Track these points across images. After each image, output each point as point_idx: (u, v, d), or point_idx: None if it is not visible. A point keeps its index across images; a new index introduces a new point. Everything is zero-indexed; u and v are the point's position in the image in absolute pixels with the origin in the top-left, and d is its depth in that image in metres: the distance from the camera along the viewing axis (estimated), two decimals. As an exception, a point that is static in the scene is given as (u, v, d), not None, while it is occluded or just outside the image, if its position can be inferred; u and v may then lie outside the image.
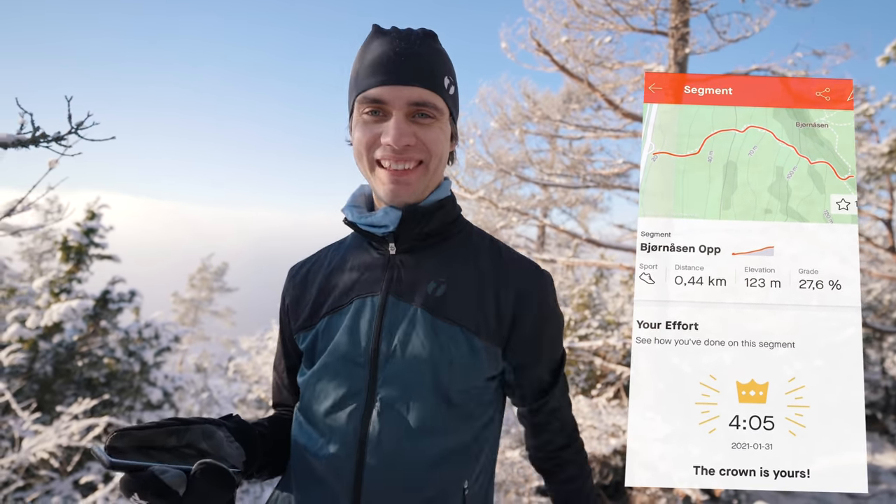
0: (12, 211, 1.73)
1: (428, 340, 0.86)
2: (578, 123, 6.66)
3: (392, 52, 0.85)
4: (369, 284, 0.91)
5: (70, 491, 4.65)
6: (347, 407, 0.86)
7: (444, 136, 0.91)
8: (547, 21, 4.91)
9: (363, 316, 0.89)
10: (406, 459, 0.84)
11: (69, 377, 5.49)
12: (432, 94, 0.86)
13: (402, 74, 0.84)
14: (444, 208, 0.94)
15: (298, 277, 1.03)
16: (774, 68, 4.93)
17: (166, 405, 6.32)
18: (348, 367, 0.88)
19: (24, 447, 4.17)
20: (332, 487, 0.85)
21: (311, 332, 0.94)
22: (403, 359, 0.86)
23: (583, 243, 11.29)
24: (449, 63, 0.92)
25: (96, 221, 5.86)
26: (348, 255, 0.98)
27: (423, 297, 0.88)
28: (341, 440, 0.85)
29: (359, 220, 0.92)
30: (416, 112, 0.86)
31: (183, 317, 22.79)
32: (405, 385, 0.85)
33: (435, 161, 0.89)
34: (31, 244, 12.04)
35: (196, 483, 0.70)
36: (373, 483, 0.83)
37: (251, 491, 6.76)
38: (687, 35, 4.68)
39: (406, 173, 0.87)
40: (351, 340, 0.88)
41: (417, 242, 0.92)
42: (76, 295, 5.64)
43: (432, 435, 0.85)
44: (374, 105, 0.85)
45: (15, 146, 1.23)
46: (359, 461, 0.84)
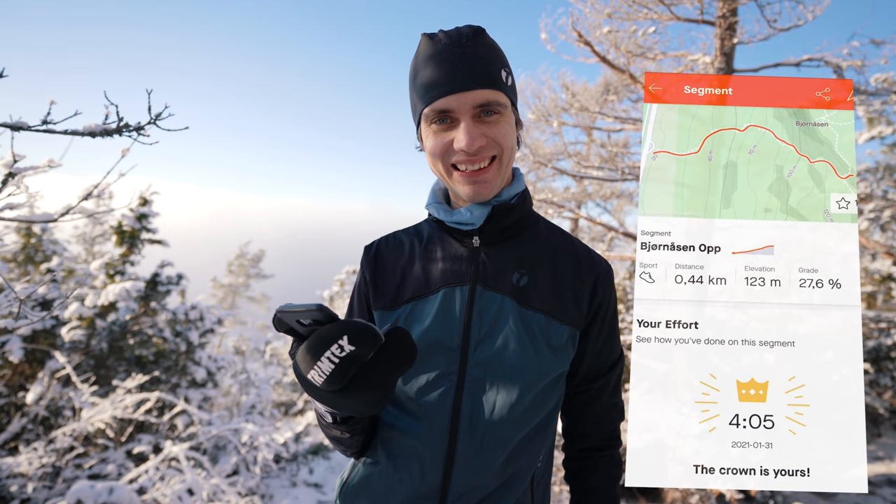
0: (90, 195, 1.87)
1: (516, 327, 0.91)
2: (617, 115, 6.56)
3: (448, 60, 0.88)
4: (456, 275, 0.96)
5: (123, 460, 4.95)
6: (440, 388, 0.91)
7: (511, 127, 0.94)
8: (588, 11, 4.84)
9: (453, 303, 0.94)
10: (494, 438, 0.89)
11: (121, 354, 5.82)
12: (494, 91, 0.89)
13: (463, 80, 0.87)
14: (524, 202, 1.00)
15: (378, 255, 1.06)
16: (828, 59, 4.72)
17: (209, 384, 6.62)
18: (440, 351, 0.92)
19: (84, 417, 4.48)
20: (423, 462, 0.90)
21: (394, 314, 0.98)
22: (493, 344, 0.91)
23: (617, 237, 11.11)
24: (502, 55, 0.94)
25: (148, 207, 6.16)
26: (431, 245, 1.02)
27: (509, 287, 0.94)
28: (433, 418, 0.90)
29: (446, 218, 0.98)
30: (481, 112, 0.89)
31: (221, 301, 23.65)
32: (495, 368, 0.90)
33: (507, 154, 0.93)
34: (84, 228, 12.71)
35: (393, 337, 0.69)
36: (463, 459, 0.89)
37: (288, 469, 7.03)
38: (735, 24, 4.54)
39: (482, 172, 0.91)
40: (443, 326, 0.93)
41: (498, 235, 0.98)
42: (129, 277, 5.97)
43: (518, 416, 0.90)
44: (442, 115, 0.89)
45: (102, 135, 1.34)
46: (451, 439, 0.89)
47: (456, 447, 0.89)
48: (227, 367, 7.19)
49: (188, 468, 4.07)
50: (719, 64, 4.58)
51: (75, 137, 1.45)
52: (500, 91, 0.90)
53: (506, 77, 0.92)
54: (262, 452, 5.30)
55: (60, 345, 5.40)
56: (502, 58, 0.94)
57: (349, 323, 0.66)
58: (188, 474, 4.04)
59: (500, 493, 0.91)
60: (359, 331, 0.65)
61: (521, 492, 0.93)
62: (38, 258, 6.30)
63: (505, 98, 0.91)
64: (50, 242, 6.41)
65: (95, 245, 12.68)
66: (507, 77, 0.93)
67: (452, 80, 0.87)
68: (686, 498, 4.79)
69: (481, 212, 0.95)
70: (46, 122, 1.31)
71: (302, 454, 7.33)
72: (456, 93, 0.87)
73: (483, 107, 0.89)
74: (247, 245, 25.01)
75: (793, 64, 4.78)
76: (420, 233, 1.07)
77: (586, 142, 10.97)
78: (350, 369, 0.66)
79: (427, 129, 0.93)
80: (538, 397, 0.92)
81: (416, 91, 0.93)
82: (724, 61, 4.59)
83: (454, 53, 0.88)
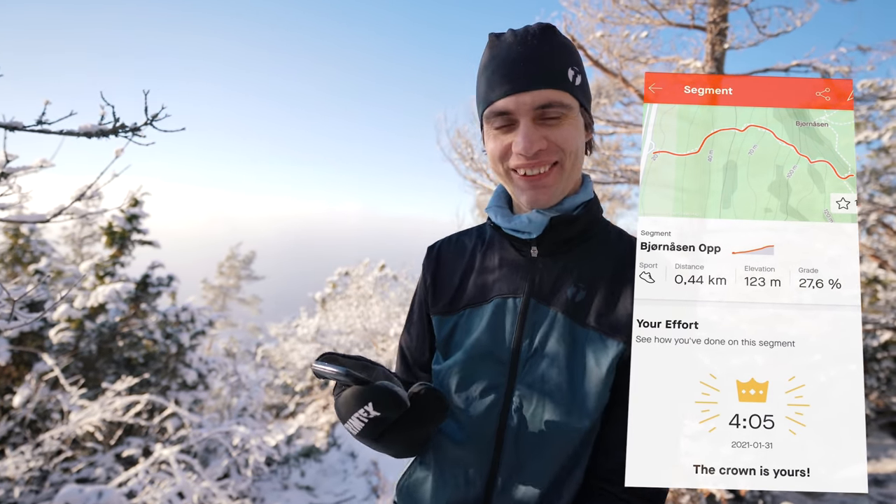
0: (82, 196, 1.86)
1: (565, 344, 0.88)
2: (609, 118, 6.60)
3: (510, 59, 0.84)
4: (511, 285, 0.93)
5: (112, 463, 4.90)
6: (487, 399, 0.90)
7: (577, 130, 0.88)
8: (581, 16, 4.88)
9: (505, 315, 0.92)
10: (539, 452, 0.89)
11: (110, 356, 5.75)
12: (556, 91, 0.84)
13: (523, 80, 0.83)
14: (590, 212, 0.94)
15: (439, 257, 1.05)
16: (816, 64, 4.80)
17: (200, 386, 6.56)
18: (489, 363, 0.91)
19: (72, 420, 4.42)
20: (469, 471, 0.90)
21: (450, 320, 0.97)
22: (542, 359, 0.89)
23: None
24: (572, 53, 0.89)
25: (139, 208, 6.10)
26: (489, 250, 1.00)
27: (564, 303, 0.90)
28: (480, 429, 0.90)
29: (504, 225, 0.94)
30: (543, 114, 0.84)
31: (212, 303, 23.46)
32: (543, 384, 0.88)
33: (570, 159, 0.88)
34: (73, 229, 12.55)
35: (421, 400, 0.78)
36: (507, 471, 0.88)
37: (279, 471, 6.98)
38: (725, 30, 4.60)
39: (542, 177, 0.87)
40: (493, 337, 0.91)
41: (559, 246, 0.93)
42: (119, 278, 5.91)
43: (563, 433, 0.88)
44: (502, 116, 0.85)
45: (98, 136, 1.33)
46: (496, 450, 0.89)
47: (501, 459, 0.89)
48: (217, 369, 7.13)
49: (178, 471, 4.04)
50: (710, 69, 4.64)
51: (68, 137, 1.44)
52: (563, 91, 0.84)
53: (573, 76, 0.86)
54: (254, 455, 5.26)
55: (48, 347, 5.33)
56: (572, 55, 0.88)
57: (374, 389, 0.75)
58: (178, 477, 4.00)
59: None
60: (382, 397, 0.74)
61: None
62: (25, 259, 6.22)
63: (570, 98, 0.86)
64: (38, 243, 6.33)
65: (84, 246, 12.53)
66: (576, 76, 0.87)
67: (512, 79, 0.83)
68: (677, 498, 4.82)
69: (540, 221, 0.90)
70: (41, 122, 1.30)
71: (293, 457, 7.28)
72: (515, 93, 0.83)
73: (544, 108, 0.83)
74: (238, 246, 24.85)
75: (781, 69, 4.85)
76: (482, 236, 1.04)
77: (578, 145, 11.03)
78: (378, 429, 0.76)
79: (488, 131, 0.89)
80: (582, 416, 0.88)
81: (478, 92, 0.90)
82: (714, 66, 4.65)
83: (515, 52, 0.84)
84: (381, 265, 12.97)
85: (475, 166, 5.85)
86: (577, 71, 0.87)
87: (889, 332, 8.86)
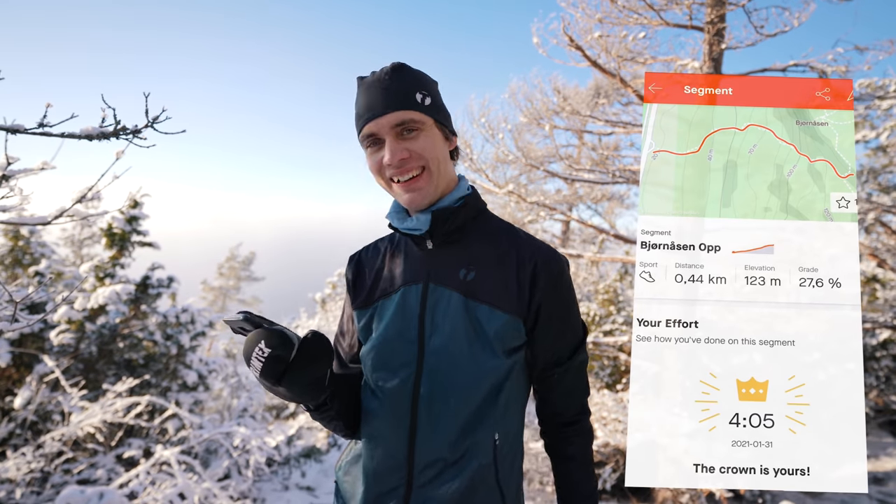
0: (83, 198, 1.86)
1: (462, 318, 1.03)
2: (608, 119, 6.61)
3: (370, 94, 1.04)
4: (413, 274, 1.10)
5: (113, 465, 4.90)
6: (401, 373, 1.04)
7: (433, 140, 1.06)
8: (580, 16, 4.89)
9: (410, 300, 1.08)
10: (449, 413, 1.02)
11: (111, 358, 5.76)
12: (407, 112, 1.03)
13: (379, 107, 1.03)
14: (468, 206, 1.11)
15: (358, 262, 1.23)
16: (813, 64, 4.81)
17: (201, 387, 6.56)
18: (400, 342, 1.06)
19: (73, 421, 4.43)
20: (392, 439, 1.04)
21: (367, 311, 1.14)
22: (444, 334, 1.03)
23: (608, 239, 11.17)
24: (419, 81, 1.07)
25: (139, 209, 6.11)
26: (396, 249, 1.17)
27: (457, 283, 1.06)
28: (397, 402, 1.04)
29: (400, 225, 1.11)
30: (401, 131, 1.03)
31: (212, 304, 23.44)
32: (447, 355, 1.03)
33: (434, 163, 1.06)
34: (72, 231, 12.55)
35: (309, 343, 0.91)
36: (423, 435, 1.02)
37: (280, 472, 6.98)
38: (723, 30, 4.61)
39: (414, 181, 1.05)
40: (402, 319, 1.07)
41: (447, 236, 1.09)
42: (119, 280, 5.91)
43: (466, 395, 1.01)
44: (370, 138, 1.05)
45: (99, 138, 1.34)
46: (412, 416, 1.02)
47: (417, 426, 1.02)
48: (218, 370, 7.13)
49: (179, 472, 4.04)
50: (708, 69, 4.65)
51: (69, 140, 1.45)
52: (413, 110, 1.03)
53: (421, 98, 1.05)
54: (255, 456, 5.27)
55: (49, 348, 5.33)
56: (419, 83, 1.07)
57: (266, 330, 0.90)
58: (179, 478, 4.01)
59: (459, 465, 1.01)
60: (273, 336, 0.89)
61: (480, 464, 1.02)
62: (26, 261, 6.22)
63: (420, 115, 1.04)
64: (38, 245, 6.34)
65: (84, 248, 12.53)
66: (424, 98, 1.06)
67: (371, 108, 1.03)
68: (677, 497, 4.83)
69: (426, 218, 1.07)
70: (43, 124, 1.31)
71: (294, 457, 7.29)
72: (375, 118, 1.03)
73: (401, 125, 1.03)
74: (238, 247, 24.83)
75: (779, 69, 4.87)
76: (392, 239, 1.21)
77: (577, 145, 11.05)
78: (276, 366, 0.89)
79: (365, 153, 1.08)
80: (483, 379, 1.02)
81: (355, 122, 1.09)
82: (712, 66, 4.67)
83: (374, 88, 1.04)
84: (380, 266, 12.97)
85: (474, 167, 5.86)
86: (425, 94, 1.06)
87: (888, 331, 8.87)
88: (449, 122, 1.12)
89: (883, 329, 7.71)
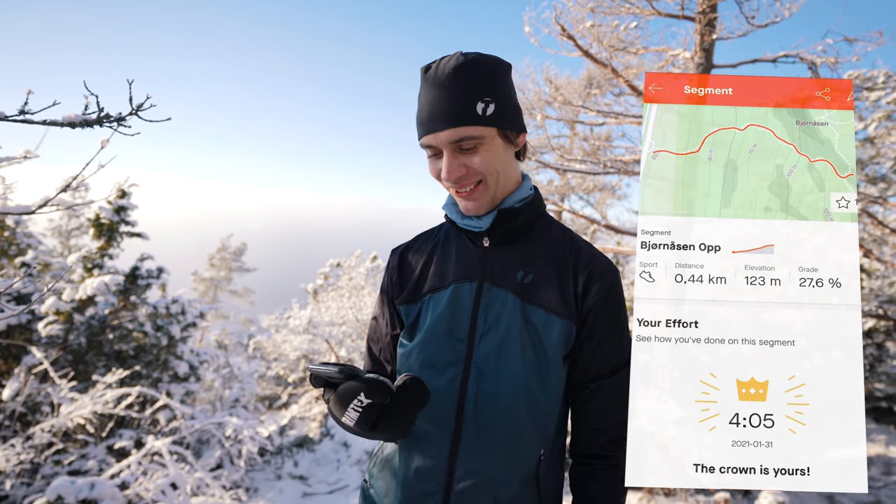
0: (68, 187, 1.84)
1: (517, 321, 0.99)
2: (600, 109, 6.61)
3: (429, 101, 0.98)
4: (467, 271, 1.05)
5: (104, 455, 4.89)
6: (447, 373, 1.00)
7: (493, 153, 1.00)
8: (572, 6, 4.86)
9: (462, 297, 1.03)
10: (497, 420, 0.97)
11: (100, 349, 5.72)
12: (466, 128, 0.96)
13: (438, 121, 0.96)
14: (531, 206, 1.07)
15: (402, 256, 1.18)
16: (803, 55, 4.83)
17: (192, 378, 6.55)
18: (449, 341, 1.01)
19: (63, 413, 4.41)
20: (434, 441, 0.99)
21: (415, 307, 1.09)
22: (496, 336, 0.99)
23: (600, 229, 11.21)
24: (484, 82, 0.98)
25: (127, 199, 6.04)
26: (447, 244, 1.12)
27: (514, 284, 1.02)
28: (442, 403, 0.99)
29: (458, 220, 1.07)
30: (459, 146, 0.97)
31: (203, 295, 23.32)
32: (497, 358, 0.98)
33: (492, 177, 1.01)
34: (59, 221, 12.39)
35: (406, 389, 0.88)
36: (468, 440, 0.97)
37: (273, 461, 7.01)
38: (714, 20, 4.61)
39: (470, 193, 1.01)
40: (452, 317, 1.02)
41: (506, 236, 1.06)
42: (108, 270, 5.86)
43: (518, 401, 0.97)
44: (429, 148, 1.01)
45: (82, 126, 1.32)
46: (458, 419, 0.98)
47: (462, 430, 0.98)
48: (209, 361, 7.12)
49: (171, 462, 4.04)
50: (699, 59, 4.66)
51: (53, 128, 1.42)
52: (473, 125, 0.96)
53: (483, 109, 0.97)
54: (247, 446, 5.28)
55: (37, 340, 5.29)
56: (481, 87, 0.97)
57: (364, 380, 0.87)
58: (171, 468, 4.01)
59: (503, 475, 0.97)
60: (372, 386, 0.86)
61: (524, 476, 0.98)
62: (11, 251, 6.14)
63: (480, 129, 0.97)
64: (24, 235, 6.25)
65: (71, 238, 12.38)
66: (486, 108, 0.97)
67: (430, 120, 0.98)
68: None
69: (490, 217, 1.03)
70: (24, 111, 1.28)
71: (287, 447, 7.32)
72: (433, 133, 0.97)
73: (458, 142, 0.97)
74: (228, 238, 24.66)
75: (769, 60, 4.89)
76: (439, 233, 1.17)
77: (569, 135, 11.04)
78: (372, 415, 0.87)
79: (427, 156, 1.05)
80: (536, 386, 0.98)
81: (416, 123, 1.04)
82: (703, 56, 4.67)
83: (433, 94, 0.98)
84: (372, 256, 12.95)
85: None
86: (488, 101, 0.97)
87: (873, 320, 9.03)
88: (515, 123, 1.03)
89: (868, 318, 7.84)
